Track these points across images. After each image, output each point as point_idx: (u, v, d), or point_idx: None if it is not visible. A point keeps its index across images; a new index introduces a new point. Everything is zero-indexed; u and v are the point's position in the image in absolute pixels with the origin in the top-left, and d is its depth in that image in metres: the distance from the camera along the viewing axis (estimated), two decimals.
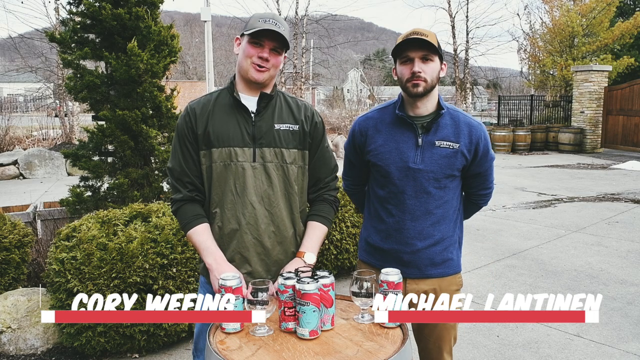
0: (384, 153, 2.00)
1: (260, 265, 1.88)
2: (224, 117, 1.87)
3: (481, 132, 1.99)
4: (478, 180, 2.07)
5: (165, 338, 3.28)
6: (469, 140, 1.96)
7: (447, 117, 1.97)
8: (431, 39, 1.87)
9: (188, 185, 1.90)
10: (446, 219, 2.02)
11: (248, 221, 1.85)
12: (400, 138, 1.98)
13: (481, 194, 2.13)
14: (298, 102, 1.99)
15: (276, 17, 1.83)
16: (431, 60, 1.89)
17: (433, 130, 1.96)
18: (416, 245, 1.99)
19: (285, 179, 1.89)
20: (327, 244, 4.46)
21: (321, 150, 1.99)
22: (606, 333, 3.58)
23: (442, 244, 2.02)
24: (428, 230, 1.99)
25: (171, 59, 4.58)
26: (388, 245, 2.04)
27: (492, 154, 2.06)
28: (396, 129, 2.00)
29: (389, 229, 2.03)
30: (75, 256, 3.09)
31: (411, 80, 1.89)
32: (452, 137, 1.95)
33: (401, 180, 1.97)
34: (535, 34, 21.66)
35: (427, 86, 1.90)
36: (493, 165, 2.10)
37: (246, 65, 1.83)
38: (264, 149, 1.86)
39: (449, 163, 1.95)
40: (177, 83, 6.04)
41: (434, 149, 1.95)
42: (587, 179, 10.45)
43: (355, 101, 25.26)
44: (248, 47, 1.82)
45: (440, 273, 2.03)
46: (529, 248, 5.65)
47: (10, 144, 14.36)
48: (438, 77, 1.94)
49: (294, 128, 1.90)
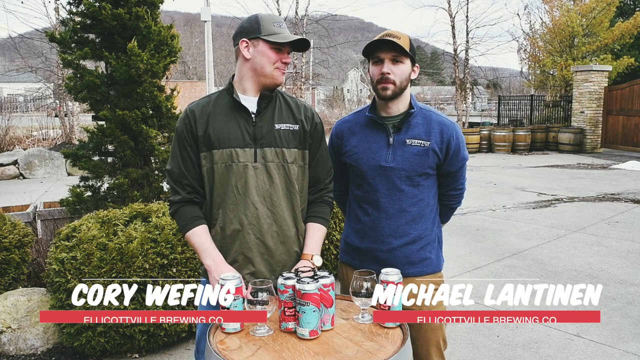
0: (358, 153, 2.06)
1: (264, 265, 1.88)
2: (224, 118, 1.88)
3: (453, 130, 2.02)
4: (448, 179, 2.09)
5: (165, 338, 3.28)
6: (440, 138, 2.00)
7: (418, 117, 2.02)
8: (403, 41, 1.92)
9: (187, 187, 1.91)
10: (422, 217, 2.04)
11: (250, 221, 1.86)
12: (373, 138, 2.04)
13: (451, 195, 2.15)
14: (297, 102, 2.00)
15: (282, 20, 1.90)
16: (401, 62, 1.94)
17: (404, 129, 2.01)
18: (392, 244, 2.02)
19: (287, 178, 1.90)
20: (327, 244, 4.46)
21: (321, 151, 2.02)
22: (606, 333, 3.58)
23: (419, 242, 2.04)
24: (403, 228, 2.02)
25: (171, 59, 4.58)
26: (365, 244, 2.07)
27: (465, 154, 2.08)
28: (369, 130, 2.07)
29: (365, 228, 2.07)
30: (75, 256, 3.09)
31: (381, 82, 1.95)
32: (423, 135, 2.00)
33: (374, 179, 2.02)
34: (535, 34, 21.65)
35: (396, 89, 1.96)
36: (465, 166, 2.12)
37: (270, 70, 1.86)
38: (265, 149, 1.87)
39: (420, 161, 1.99)
40: (177, 83, 6.04)
41: (405, 147, 1.99)
42: (587, 179, 10.45)
43: (355, 101, 25.28)
44: (271, 53, 1.85)
45: (418, 272, 2.05)
46: (529, 248, 5.65)
47: (10, 144, 14.37)
48: (408, 79, 1.99)
49: (294, 128, 1.92)
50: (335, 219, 4.50)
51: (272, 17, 1.87)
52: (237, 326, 1.62)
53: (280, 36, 1.83)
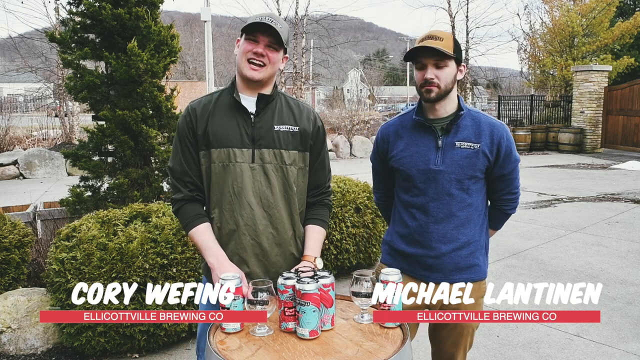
0: (406, 157, 2.00)
1: (258, 266, 1.88)
2: (223, 117, 1.87)
3: (503, 131, 1.97)
4: (502, 183, 2.04)
5: (165, 338, 3.28)
6: (490, 140, 1.94)
7: (467, 118, 1.97)
8: (445, 43, 1.86)
9: (189, 185, 1.90)
10: (471, 222, 1.99)
11: (246, 222, 1.85)
12: (421, 141, 1.99)
13: (506, 199, 2.09)
14: (300, 104, 1.98)
15: (273, 15, 1.84)
16: (445, 66, 1.89)
17: (453, 131, 1.95)
18: (440, 249, 1.97)
19: (285, 180, 1.88)
20: (327, 244, 4.46)
21: (322, 154, 2.00)
22: (606, 333, 3.58)
23: (468, 248, 1.99)
24: (452, 233, 1.97)
25: (171, 59, 4.58)
26: (412, 250, 2.02)
27: (517, 156, 2.03)
28: (416, 133, 2.01)
29: (413, 233, 2.01)
30: (75, 256, 3.09)
31: (424, 86, 1.91)
32: (473, 138, 1.94)
33: (423, 182, 1.97)
34: (535, 34, 21.64)
35: (441, 92, 1.90)
36: (518, 168, 2.06)
37: (242, 62, 1.83)
38: (263, 150, 1.85)
39: (470, 163, 1.93)
40: (177, 83, 6.04)
41: (454, 149, 1.94)
42: (587, 179, 10.45)
43: (355, 101, 25.24)
44: (244, 44, 1.83)
45: (466, 279, 2.00)
46: (529, 248, 5.65)
47: (10, 144, 14.36)
48: (454, 81, 1.93)
49: (294, 129, 1.90)
50: (335, 219, 4.50)
51: (262, 14, 1.84)
52: (237, 326, 1.62)
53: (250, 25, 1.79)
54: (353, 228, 4.59)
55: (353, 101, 25.75)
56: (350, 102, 26.28)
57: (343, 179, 4.97)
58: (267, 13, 1.85)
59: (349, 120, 18.21)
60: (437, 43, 1.86)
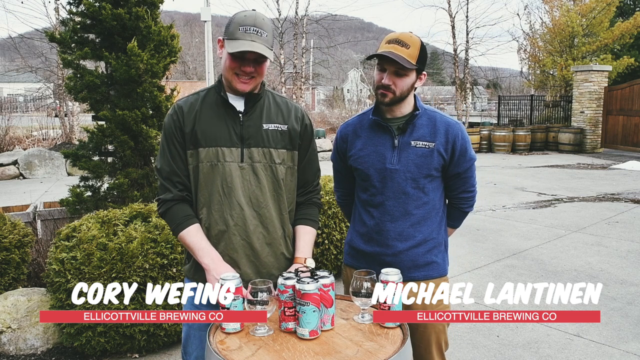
0: (363, 157, 2.03)
1: (250, 267, 1.86)
2: (211, 116, 1.84)
3: (458, 130, 1.99)
4: (458, 181, 2.06)
5: (165, 338, 3.28)
6: (445, 138, 1.97)
7: (423, 118, 1.99)
8: (410, 52, 1.86)
9: (178, 185, 1.86)
10: (428, 220, 2.02)
11: (236, 222, 1.83)
12: (378, 141, 2.01)
13: (463, 197, 2.12)
14: (288, 103, 1.96)
15: (257, 23, 1.73)
16: (405, 75, 1.90)
17: (409, 130, 1.98)
18: (397, 247, 2.00)
19: (274, 179, 1.87)
20: (327, 244, 4.46)
21: (310, 153, 1.98)
22: (606, 333, 3.58)
23: (425, 245, 2.01)
24: (408, 231, 1.99)
25: (171, 59, 4.58)
26: (370, 248, 2.05)
27: (472, 155, 2.05)
28: (374, 132, 2.03)
29: (370, 232, 2.04)
30: (75, 256, 3.09)
31: (380, 89, 1.93)
32: (428, 137, 1.97)
33: (380, 182, 2.00)
34: (535, 34, 21.65)
35: (395, 98, 1.93)
36: (474, 166, 2.08)
37: (229, 76, 1.79)
38: (252, 149, 1.83)
39: (425, 162, 1.96)
40: (177, 83, 6.03)
41: (410, 149, 1.96)
42: (587, 179, 10.45)
43: (355, 101, 25.26)
44: (229, 60, 1.75)
45: (424, 276, 2.02)
46: (529, 248, 5.65)
47: (10, 144, 14.37)
48: (410, 89, 1.95)
49: (282, 128, 1.88)
50: (335, 219, 4.50)
51: (245, 20, 1.73)
52: (237, 326, 1.62)
53: (234, 44, 1.71)
54: None
55: (353, 101, 25.76)
56: (350, 102, 26.30)
57: None
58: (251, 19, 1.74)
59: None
60: (402, 51, 1.86)
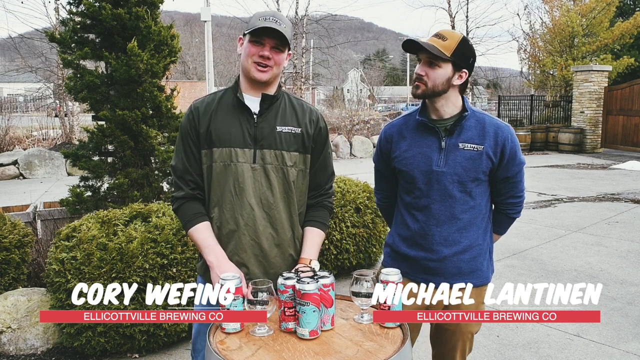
0: (408, 158, 1.98)
1: (258, 267, 1.87)
2: (226, 117, 1.87)
3: (508, 133, 1.94)
4: (506, 186, 2.00)
5: (165, 338, 3.28)
6: (495, 141, 1.91)
7: (471, 119, 1.94)
8: (446, 44, 1.84)
9: (190, 184, 1.90)
10: (474, 225, 1.96)
11: (246, 222, 1.85)
12: (424, 142, 1.96)
13: (510, 203, 2.05)
14: (304, 105, 1.96)
15: (277, 15, 1.82)
16: (438, 67, 1.86)
17: (457, 132, 1.92)
18: (442, 252, 1.94)
19: (285, 181, 1.87)
20: (327, 244, 4.46)
21: (324, 156, 1.97)
22: (606, 333, 3.57)
23: (470, 252, 1.96)
24: (454, 236, 1.94)
25: (171, 59, 4.58)
26: (414, 252, 1.99)
27: (522, 158, 1.99)
28: (419, 133, 1.98)
29: (414, 236, 1.99)
30: (75, 256, 3.09)
31: (415, 80, 1.91)
32: (477, 139, 1.91)
33: (426, 184, 1.94)
34: (535, 34, 21.64)
35: (427, 91, 1.89)
36: (523, 171, 2.02)
37: (248, 64, 1.82)
38: (265, 151, 1.85)
39: (473, 165, 1.90)
40: (177, 83, 6.04)
41: (457, 151, 1.91)
42: (587, 179, 10.45)
43: (355, 101, 25.24)
44: (249, 46, 1.82)
45: (468, 283, 1.97)
46: (529, 248, 5.65)
47: (10, 144, 14.35)
48: (446, 84, 1.89)
49: (296, 131, 1.88)
50: (335, 219, 4.50)
51: (265, 13, 1.82)
52: (237, 326, 1.62)
53: (254, 29, 1.78)
54: (353, 228, 4.59)
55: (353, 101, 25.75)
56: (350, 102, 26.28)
57: (343, 179, 4.98)
58: (271, 12, 1.84)
59: (349, 120, 18.21)
60: (437, 42, 1.85)
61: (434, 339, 2.13)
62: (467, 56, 1.91)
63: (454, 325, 2.00)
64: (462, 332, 2.02)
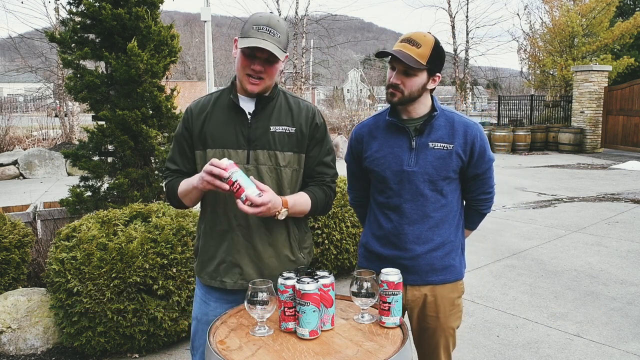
0: (379, 158, 1.99)
1: (252, 267, 1.86)
2: (221, 118, 1.87)
3: (477, 131, 1.96)
4: (476, 183, 2.03)
5: (165, 338, 3.28)
6: (464, 140, 1.93)
7: (441, 119, 1.96)
8: (421, 52, 1.83)
9: (176, 173, 1.94)
10: (446, 223, 1.99)
11: (239, 222, 1.84)
12: (395, 142, 1.98)
13: (481, 199, 2.09)
14: (300, 103, 1.93)
15: (272, 22, 1.75)
16: (414, 75, 1.86)
17: (427, 132, 1.94)
18: (415, 250, 1.97)
19: (279, 182, 1.86)
20: (327, 244, 4.46)
21: (322, 153, 1.93)
22: (606, 333, 3.58)
23: (443, 249, 1.99)
24: (426, 234, 1.96)
25: (171, 59, 4.58)
26: (387, 251, 2.02)
27: (491, 155, 2.02)
28: (390, 133, 2.00)
29: (388, 235, 2.01)
30: (75, 256, 3.09)
31: (389, 88, 1.91)
32: (446, 138, 1.93)
33: (397, 184, 1.96)
34: (535, 34, 21.66)
35: (404, 98, 1.90)
36: (492, 167, 2.05)
37: (240, 75, 1.81)
38: (258, 152, 1.84)
39: (443, 164, 1.92)
40: (177, 83, 6.04)
41: (428, 150, 1.93)
42: (587, 179, 10.45)
43: (355, 101, 25.26)
44: (242, 57, 1.78)
45: (441, 280, 2.00)
46: (529, 248, 5.65)
47: (10, 144, 14.36)
48: (421, 89, 1.91)
49: (290, 130, 1.87)
50: (335, 219, 4.50)
51: (260, 20, 1.76)
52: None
53: (246, 40, 1.72)
54: (353, 228, 4.59)
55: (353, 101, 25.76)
56: (350, 102, 26.29)
57: (343, 179, 4.97)
58: (266, 18, 1.77)
59: (349, 120, 18.22)
60: (412, 50, 1.83)
61: (417, 340, 2.13)
62: (440, 60, 1.92)
63: (434, 323, 2.01)
64: (442, 328, 2.03)
